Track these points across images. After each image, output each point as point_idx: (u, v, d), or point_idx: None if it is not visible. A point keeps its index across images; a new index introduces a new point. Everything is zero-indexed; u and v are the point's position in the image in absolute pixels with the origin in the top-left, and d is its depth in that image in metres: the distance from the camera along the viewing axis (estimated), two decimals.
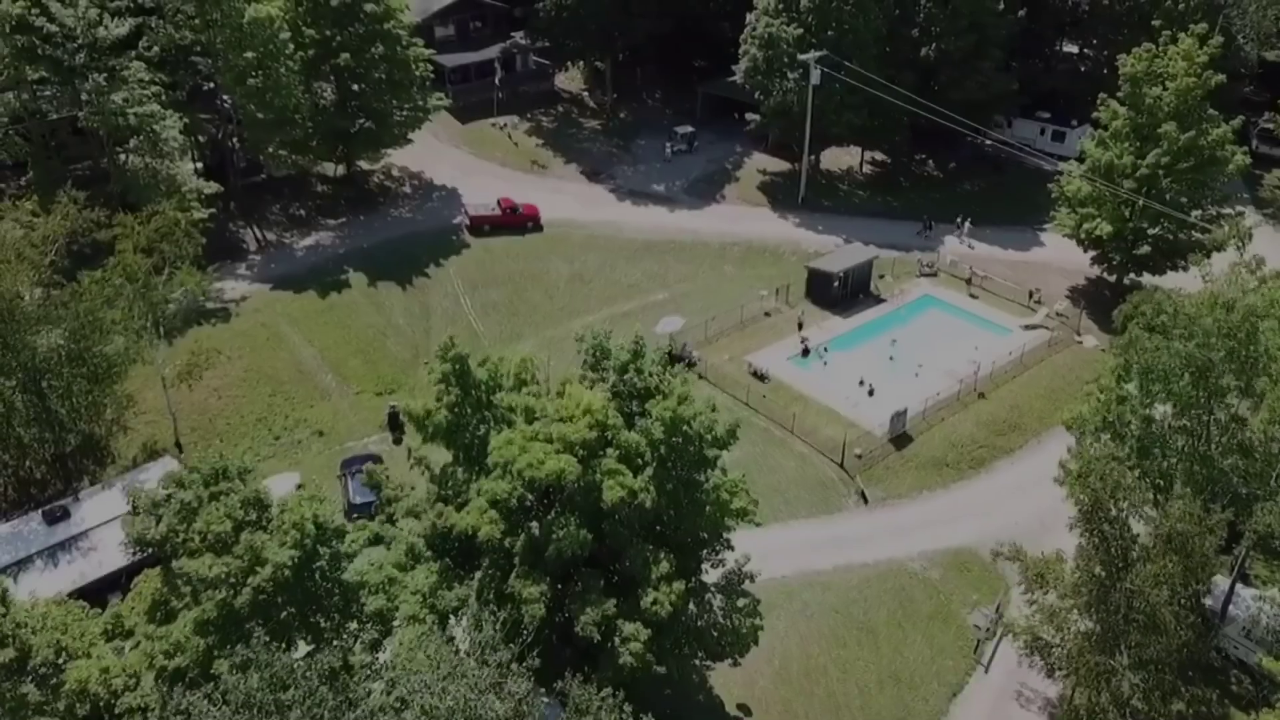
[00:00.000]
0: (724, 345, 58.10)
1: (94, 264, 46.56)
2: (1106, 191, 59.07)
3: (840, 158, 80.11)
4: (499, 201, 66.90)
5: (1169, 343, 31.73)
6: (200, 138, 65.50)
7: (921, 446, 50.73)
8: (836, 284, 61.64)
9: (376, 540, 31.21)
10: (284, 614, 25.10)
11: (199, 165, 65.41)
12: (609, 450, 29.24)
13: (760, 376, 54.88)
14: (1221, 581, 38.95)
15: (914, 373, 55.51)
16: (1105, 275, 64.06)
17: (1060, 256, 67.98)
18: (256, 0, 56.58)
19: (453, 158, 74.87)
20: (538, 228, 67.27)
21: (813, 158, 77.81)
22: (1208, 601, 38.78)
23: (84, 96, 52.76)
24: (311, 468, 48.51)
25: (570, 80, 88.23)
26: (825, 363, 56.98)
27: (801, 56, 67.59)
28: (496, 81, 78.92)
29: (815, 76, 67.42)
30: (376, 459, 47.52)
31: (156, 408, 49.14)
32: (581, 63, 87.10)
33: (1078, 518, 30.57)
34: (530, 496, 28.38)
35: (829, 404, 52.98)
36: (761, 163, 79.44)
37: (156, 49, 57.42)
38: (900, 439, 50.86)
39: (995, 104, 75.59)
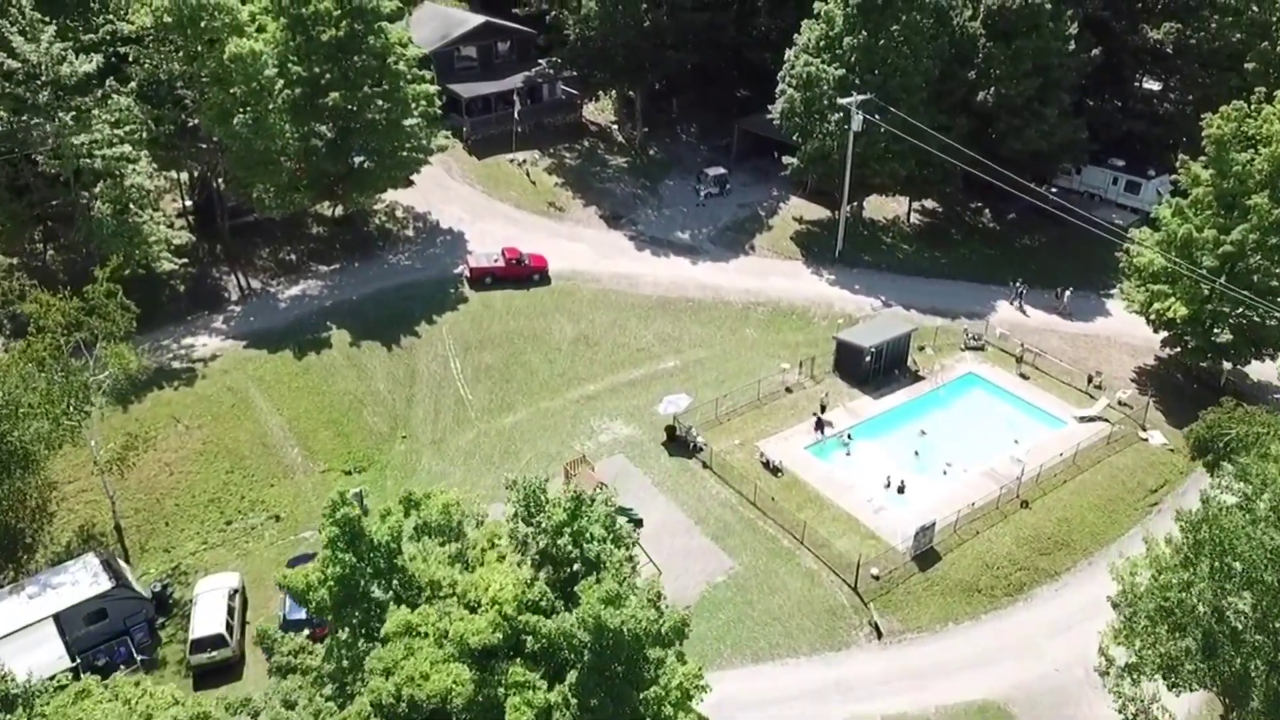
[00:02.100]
0: (736, 427, 51.94)
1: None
2: (1183, 268, 51.60)
3: (886, 205, 73.33)
4: (503, 251, 61.61)
5: (1252, 527, 24.98)
6: (191, 174, 61.49)
7: (950, 567, 44.02)
8: (868, 359, 55.04)
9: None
10: None
11: (187, 204, 61.42)
12: (527, 639, 23.55)
13: (773, 469, 48.63)
14: None
15: (941, 470, 48.90)
16: (1179, 358, 56.41)
17: (1128, 329, 60.46)
18: (238, 35, 52.09)
19: (464, 197, 69.86)
20: (545, 280, 61.86)
21: (855, 204, 71.27)
22: None
23: (49, 137, 48.68)
24: (259, 562, 43.70)
25: (600, 111, 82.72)
26: (849, 453, 50.51)
27: (842, 100, 61.11)
28: (516, 114, 73.71)
29: (856, 123, 60.89)
30: None
31: (100, 484, 44.77)
32: (614, 92, 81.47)
33: None
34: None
35: (847, 508, 46.51)
36: (799, 209, 73.02)
37: (134, 84, 53.36)
38: (926, 555, 44.23)
39: (1060, 154, 68.12)
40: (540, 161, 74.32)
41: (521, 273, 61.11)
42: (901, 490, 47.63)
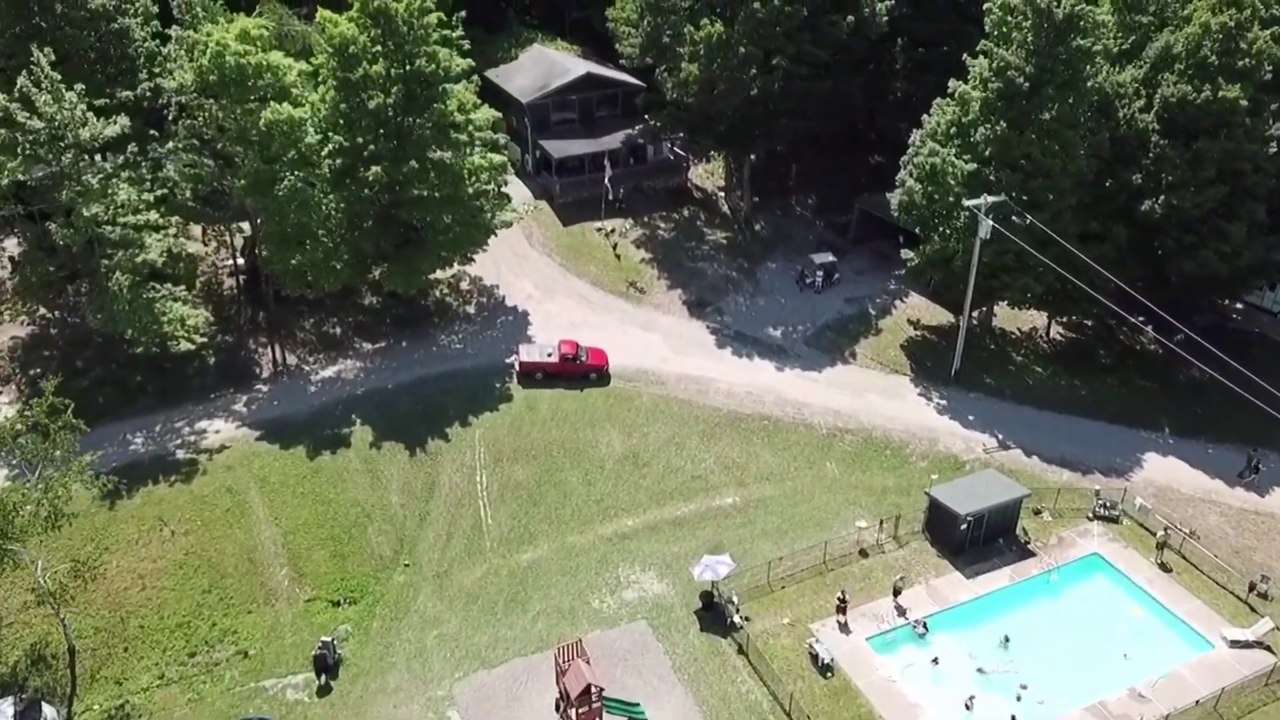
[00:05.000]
0: (790, 598, 43.40)
1: None
2: None
3: (1021, 314, 62.38)
4: (559, 344, 54.90)
5: None
6: (252, 229, 57.64)
7: None
8: (963, 527, 45.29)
9: None
10: None
11: (239, 262, 57.74)
12: None
13: (822, 667, 39.90)
14: None
15: (1015, 696, 38.92)
16: None
17: None
18: (280, 100, 47.48)
19: (538, 270, 63.65)
20: (603, 379, 54.77)
21: (984, 310, 60.99)
22: None
23: (64, 207, 45.47)
24: (208, 714, 38.37)
25: (709, 174, 74.85)
26: (934, 660, 40.65)
27: (968, 202, 51.30)
28: (606, 181, 66.92)
29: (984, 229, 50.93)
30: None
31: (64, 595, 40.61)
32: (724, 153, 73.62)
33: None
34: None
35: None
36: (916, 309, 63.22)
37: (172, 143, 49.81)
38: None
39: (1245, 278, 55.77)
40: (630, 232, 67.29)
41: (576, 370, 54.25)
42: None
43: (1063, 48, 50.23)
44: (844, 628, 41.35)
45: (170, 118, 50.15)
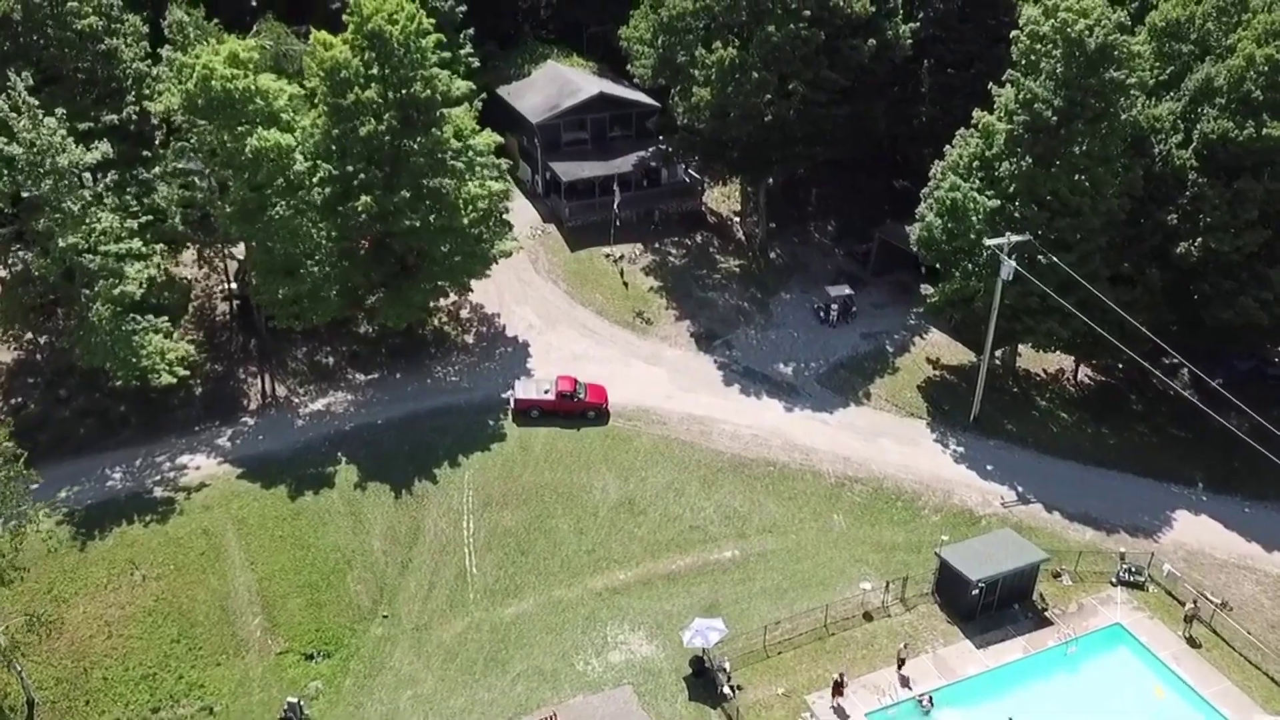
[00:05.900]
0: (787, 665, 40.87)
1: None
2: None
3: (1047, 354, 59.05)
4: (557, 380, 52.60)
5: None
6: (233, 263, 55.95)
7: None
8: (975, 593, 42.43)
9: None
10: None
11: (232, 287, 56.15)
12: None
13: None
14: None
15: None
16: None
17: None
18: (267, 126, 45.66)
19: (542, 298, 61.35)
20: (601, 418, 52.37)
21: (1007, 349, 57.95)
22: None
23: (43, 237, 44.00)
24: None
25: (725, 198, 72.20)
26: None
27: (989, 241, 48.39)
28: (615, 206, 64.54)
29: (1006, 270, 47.98)
30: None
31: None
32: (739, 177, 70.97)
33: None
34: None
35: None
36: (936, 346, 60.27)
37: (158, 169, 48.29)
38: None
39: None
40: (640, 258, 64.85)
41: (574, 408, 51.90)
42: None
43: (1095, 79, 47.15)
44: (840, 712, 38.57)
45: (158, 141, 48.52)
